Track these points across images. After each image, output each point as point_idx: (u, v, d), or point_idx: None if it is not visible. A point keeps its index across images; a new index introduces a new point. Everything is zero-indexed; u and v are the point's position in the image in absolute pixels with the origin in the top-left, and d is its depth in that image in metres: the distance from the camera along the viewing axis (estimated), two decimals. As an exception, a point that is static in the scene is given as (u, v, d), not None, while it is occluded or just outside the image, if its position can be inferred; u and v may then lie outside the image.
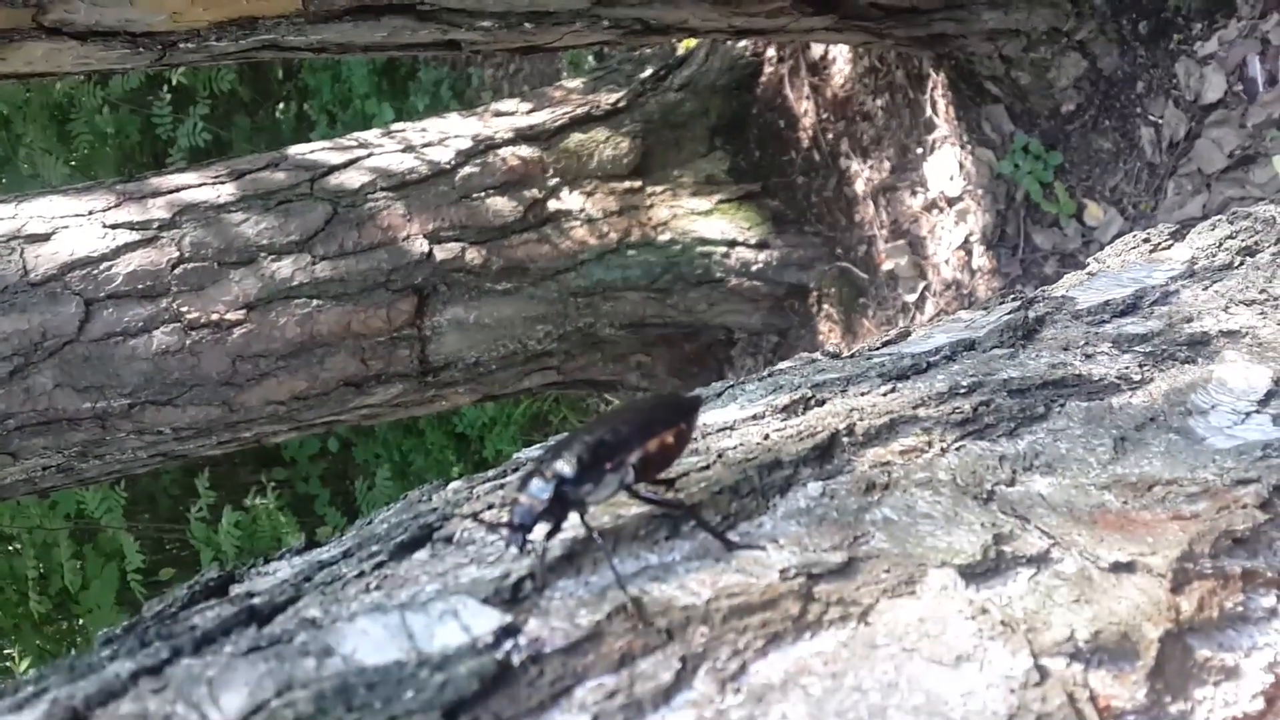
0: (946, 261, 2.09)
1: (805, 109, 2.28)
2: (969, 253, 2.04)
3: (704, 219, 2.28)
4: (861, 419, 0.59)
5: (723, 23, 1.56)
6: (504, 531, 0.48)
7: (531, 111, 2.35)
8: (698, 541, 0.50)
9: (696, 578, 0.46)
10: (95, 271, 2.06)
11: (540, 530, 0.48)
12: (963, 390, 0.61)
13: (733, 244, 2.25)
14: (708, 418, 0.64)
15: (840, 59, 2.21)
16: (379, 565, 0.46)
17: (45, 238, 2.04)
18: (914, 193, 2.10)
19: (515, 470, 0.61)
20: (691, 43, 2.43)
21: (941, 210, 2.06)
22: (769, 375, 0.72)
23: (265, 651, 0.35)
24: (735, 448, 0.59)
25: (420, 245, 2.19)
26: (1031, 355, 0.66)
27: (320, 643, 0.36)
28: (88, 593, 2.96)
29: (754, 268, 2.26)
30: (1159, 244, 0.88)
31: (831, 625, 0.43)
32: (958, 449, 0.56)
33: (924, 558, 0.47)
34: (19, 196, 2.07)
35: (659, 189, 2.29)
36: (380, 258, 2.22)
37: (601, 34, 1.55)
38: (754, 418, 0.63)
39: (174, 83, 3.36)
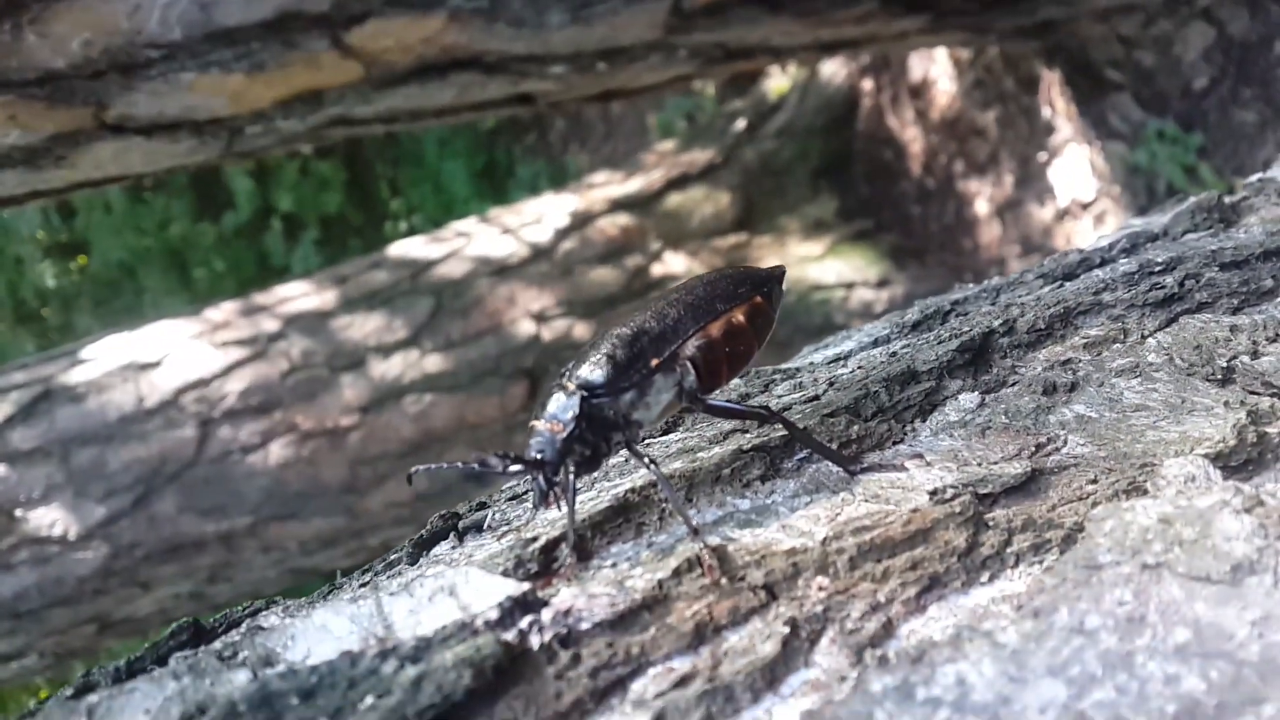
0: (1088, 273, 1.91)
1: (912, 136, 2.15)
2: (1112, 259, 1.86)
3: (817, 264, 2.16)
4: (1023, 314, 0.45)
5: (807, 37, 1.46)
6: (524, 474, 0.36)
7: (626, 180, 2.28)
8: (806, 477, 0.37)
9: (807, 514, 0.33)
10: (208, 391, 2.05)
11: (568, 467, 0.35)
12: (1158, 268, 0.45)
13: (850, 286, 2.12)
14: (814, 357, 0.52)
15: (943, 78, 2.08)
16: (394, 571, 0.35)
17: (157, 364, 2.04)
18: (1042, 203, 1.94)
19: None
20: (783, 89, 2.34)
21: (1075, 216, 1.89)
22: (891, 314, 0.58)
23: (180, 670, 0.24)
24: (851, 371, 0.46)
25: (527, 327, 2.13)
26: (1239, 232, 0.50)
27: (261, 650, 0.25)
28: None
29: (877, 308, 2.11)
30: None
31: (1021, 560, 0.29)
32: (1167, 330, 0.41)
33: (1149, 455, 0.32)
34: (129, 327, 2.09)
35: (766, 239, 2.18)
36: (488, 344, 2.16)
37: (680, 66, 1.47)
38: (875, 343, 0.49)
39: (282, 212, 3.44)
